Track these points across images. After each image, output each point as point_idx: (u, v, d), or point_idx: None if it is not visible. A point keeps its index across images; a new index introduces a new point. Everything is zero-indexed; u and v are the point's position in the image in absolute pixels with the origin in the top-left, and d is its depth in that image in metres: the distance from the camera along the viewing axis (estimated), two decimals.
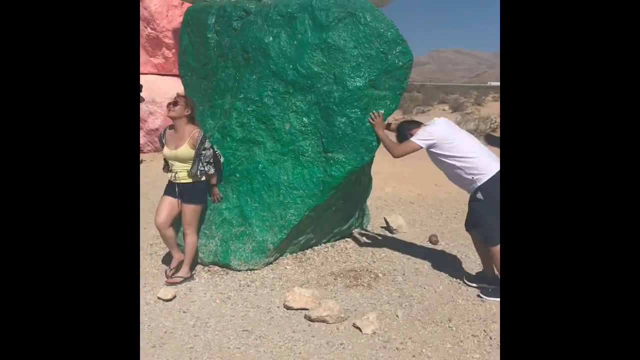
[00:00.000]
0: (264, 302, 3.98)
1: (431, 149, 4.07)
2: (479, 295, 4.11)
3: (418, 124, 4.34)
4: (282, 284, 4.34)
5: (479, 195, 3.94)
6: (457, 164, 3.98)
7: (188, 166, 4.30)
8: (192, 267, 4.51)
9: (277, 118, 4.46)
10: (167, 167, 4.48)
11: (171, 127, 4.37)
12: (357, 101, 4.23)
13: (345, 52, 4.18)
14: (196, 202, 4.36)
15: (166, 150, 4.35)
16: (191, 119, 4.35)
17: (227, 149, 4.62)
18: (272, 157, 4.53)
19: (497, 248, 3.89)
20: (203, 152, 4.26)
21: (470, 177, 3.96)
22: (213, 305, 3.95)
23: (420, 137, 4.05)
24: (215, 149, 4.45)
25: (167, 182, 4.47)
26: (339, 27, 4.18)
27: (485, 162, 3.92)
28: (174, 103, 4.24)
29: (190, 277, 4.38)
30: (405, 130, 4.33)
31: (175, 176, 4.34)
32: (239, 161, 4.61)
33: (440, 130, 4.03)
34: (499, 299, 3.94)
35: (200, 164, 4.28)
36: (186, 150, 4.24)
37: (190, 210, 4.34)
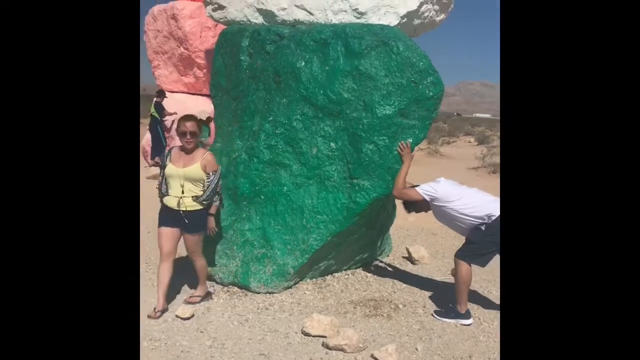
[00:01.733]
0: (282, 327, 3.94)
1: (434, 202, 4.23)
2: (432, 314, 4.30)
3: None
4: (300, 309, 4.29)
5: (482, 227, 4.11)
6: (462, 212, 4.14)
7: (195, 190, 4.00)
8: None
9: (305, 142, 4.47)
10: (165, 191, 4.04)
11: (178, 146, 4.10)
12: (385, 129, 4.23)
13: (376, 80, 4.20)
14: (200, 230, 4.11)
15: (171, 168, 3.97)
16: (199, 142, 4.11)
17: (253, 170, 4.63)
18: (298, 181, 4.52)
19: (463, 265, 4.18)
20: (214, 178, 4.04)
21: (475, 222, 4.12)
22: (230, 326, 3.92)
23: (424, 189, 4.23)
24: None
25: (160, 210, 4.11)
26: (371, 55, 4.20)
27: (490, 208, 4.07)
28: (192, 134, 3.94)
29: (207, 295, 4.36)
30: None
31: (179, 202, 3.97)
32: (264, 183, 4.62)
33: (444, 188, 4.22)
34: (451, 320, 4.19)
35: (212, 192, 4.03)
36: (197, 169, 3.95)
37: (195, 240, 4.13)
